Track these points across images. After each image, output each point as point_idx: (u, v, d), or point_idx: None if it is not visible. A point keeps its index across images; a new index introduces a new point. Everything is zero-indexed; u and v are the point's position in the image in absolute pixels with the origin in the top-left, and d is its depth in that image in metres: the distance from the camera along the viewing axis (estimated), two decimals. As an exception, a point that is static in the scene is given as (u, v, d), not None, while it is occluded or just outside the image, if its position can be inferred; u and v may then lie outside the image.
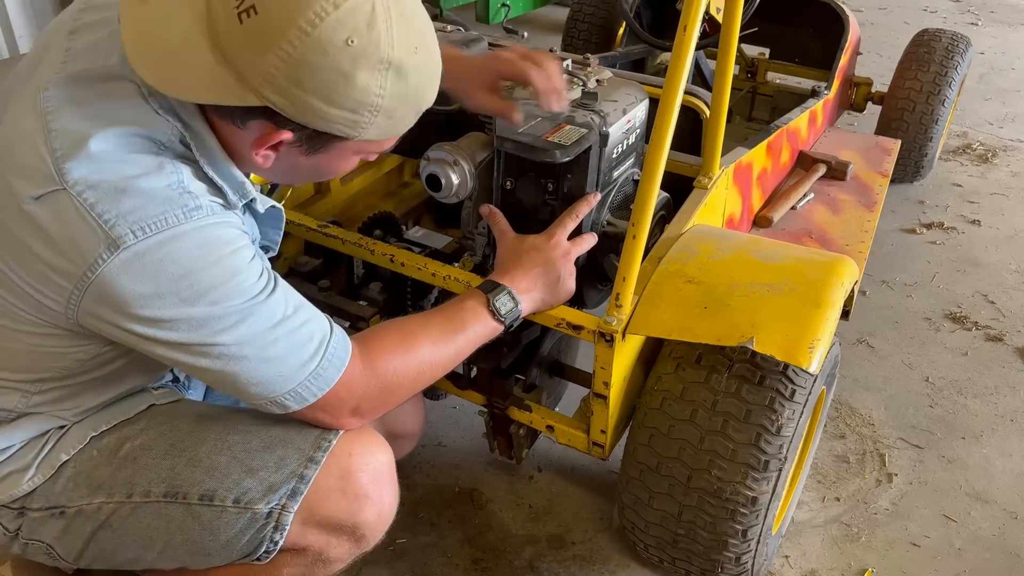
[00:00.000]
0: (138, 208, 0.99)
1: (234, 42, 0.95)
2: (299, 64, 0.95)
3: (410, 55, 1.00)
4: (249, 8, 0.93)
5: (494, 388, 1.63)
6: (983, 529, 1.96)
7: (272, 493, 1.20)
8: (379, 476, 1.27)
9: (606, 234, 1.62)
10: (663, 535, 1.57)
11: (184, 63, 0.97)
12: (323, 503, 1.23)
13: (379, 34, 0.96)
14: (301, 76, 0.95)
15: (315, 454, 1.22)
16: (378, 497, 1.27)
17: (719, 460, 1.45)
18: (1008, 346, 2.57)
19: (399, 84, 1.01)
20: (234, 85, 0.97)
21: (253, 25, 0.93)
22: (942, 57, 3.15)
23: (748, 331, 1.38)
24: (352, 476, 1.24)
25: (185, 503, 1.19)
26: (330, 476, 1.22)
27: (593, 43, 3.61)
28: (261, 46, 0.94)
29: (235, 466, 1.21)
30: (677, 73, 1.40)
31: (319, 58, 0.95)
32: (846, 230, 2.24)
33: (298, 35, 0.93)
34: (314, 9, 0.93)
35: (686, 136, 1.93)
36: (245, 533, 1.20)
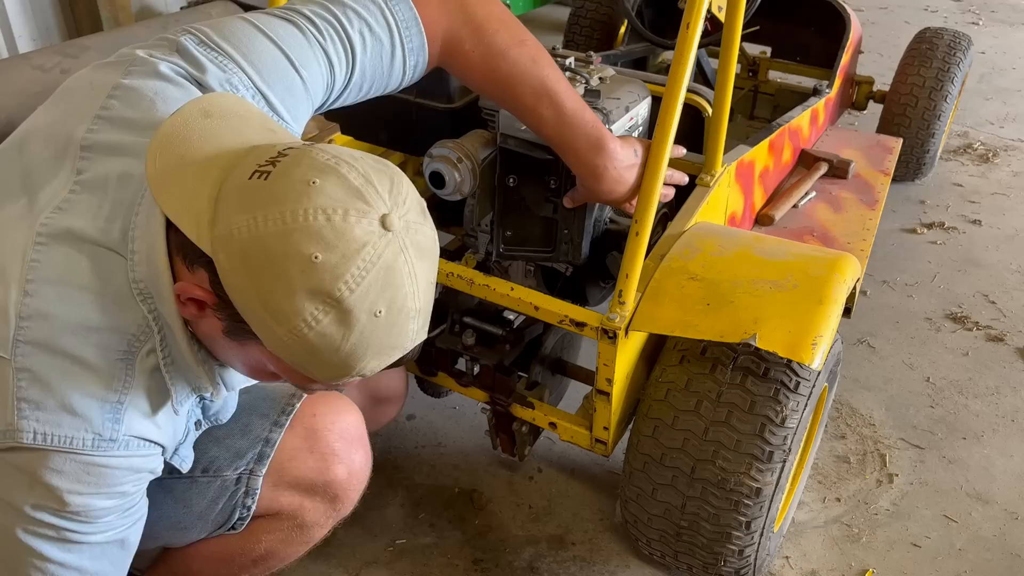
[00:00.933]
0: (54, 418, 0.94)
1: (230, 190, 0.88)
2: (258, 241, 0.85)
3: (364, 313, 0.87)
4: (265, 172, 0.87)
5: (497, 385, 1.63)
6: (984, 529, 1.96)
7: (239, 459, 1.22)
8: (347, 435, 1.29)
9: (608, 232, 1.61)
10: (666, 528, 1.57)
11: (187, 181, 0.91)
12: (291, 463, 1.25)
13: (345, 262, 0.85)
14: (253, 254, 0.86)
15: (279, 418, 1.25)
16: (347, 455, 1.29)
17: (723, 451, 1.45)
18: (1009, 346, 2.57)
19: (335, 328, 0.87)
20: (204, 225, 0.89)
21: (254, 185, 0.87)
22: (944, 54, 3.16)
23: (751, 328, 1.38)
24: (318, 435, 1.26)
25: (155, 480, 1.20)
26: (296, 437, 1.25)
27: (595, 41, 3.60)
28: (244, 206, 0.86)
29: (201, 437, 1.21)
30: (680, 71, 1.40)
31: (277, 246, 0.85)
32: (848, 228, 2.23)
33: (277, 220, 0.85)
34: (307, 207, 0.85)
35: (688, 134, 1.93)
36: (217, 501, 1.22)
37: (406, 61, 1.24)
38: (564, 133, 1.35)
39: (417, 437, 2.15)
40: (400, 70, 1.25)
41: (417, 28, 1.23)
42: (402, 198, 0.90)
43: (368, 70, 1.21)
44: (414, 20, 1.22)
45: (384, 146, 2.08)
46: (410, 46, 1.23)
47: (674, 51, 1.42)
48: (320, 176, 0.86)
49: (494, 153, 1.54)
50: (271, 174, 0.87)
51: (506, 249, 1.61)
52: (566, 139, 1.36)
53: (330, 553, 1.83)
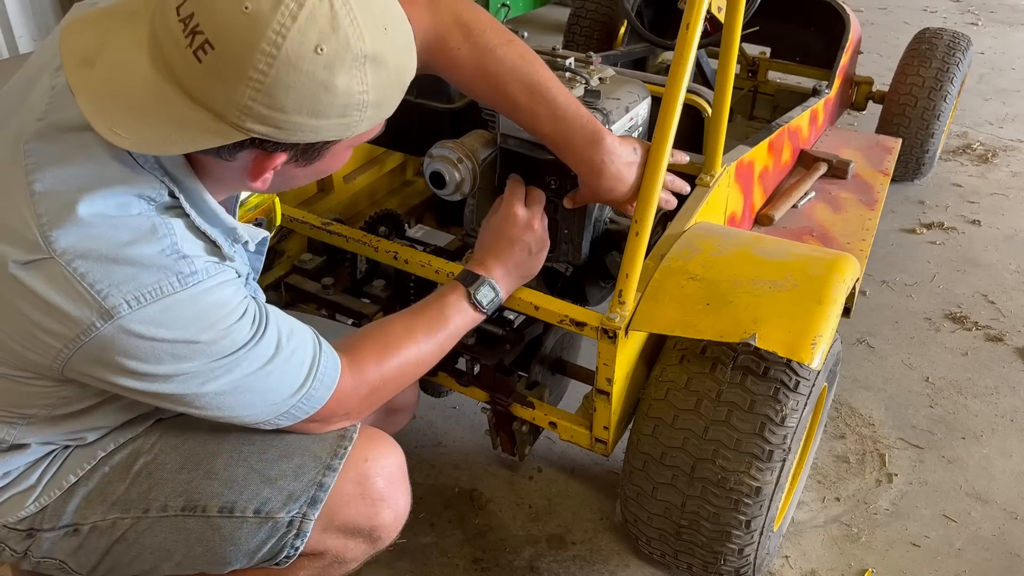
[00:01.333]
0: (131, 278, 0.96)
1: (199, 82, 0.89)
2: (275, 88, 0.88)
3: (382, 39, 0.93)
4: (203, 44, 0.86)
5: (497, 385, 1.63)
6: (983, 529, 1.96)
7: (292, 502, 1.20)
8: (393, 478, 1.29)
9: (609, 231, 1.62)
10: (666, 527, 1.58)
11: (156, 118, 0.91)
12: (342, 509, 1.23)
13: (346, 31, 0.89)
14: (280, 99, 0.89)
15: (332, 461, 1.23)
16: (394, 499, 1.29)
17: (723, 449, 1.46)
18: (1008, 346, 2.57)
19: (380, 73, 0.94)
20: (213, 125, 0.91)
21: (213, 61, 0.87)
22: (944, 54, 3.17)
23: (751, 327, 1.38)
24: (369, 481, 1.25)
25: (204, 516, 1.19)
26: (348, 482, 1.23)
27: (595, 41, 3.61)
28: (230, 80, 0.88)
29: (253, 476, 1.21)
30: (680, 71, 1.40)
31: (293, 77, 0.88)
32: (847, 228, 2.24)
33: (264, 59, 0.87)
34: (272, 28, 0.86)
35: (688, 134, 1.93)
36: (267, 542, 1.21)
37: None
38: (560, 129, 1.35)
39: (417, 437, 2.15)
40: None
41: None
42: None
43: None
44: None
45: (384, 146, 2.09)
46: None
47: (674, 51, 1.43)
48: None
49: (494, 153, 1.54)
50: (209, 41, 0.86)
51: (506, 249, 1.61)
52: (563, 135, 1.35)
53: (330, 553, 1.83)
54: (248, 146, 0.95)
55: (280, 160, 0.99)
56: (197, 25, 0.86)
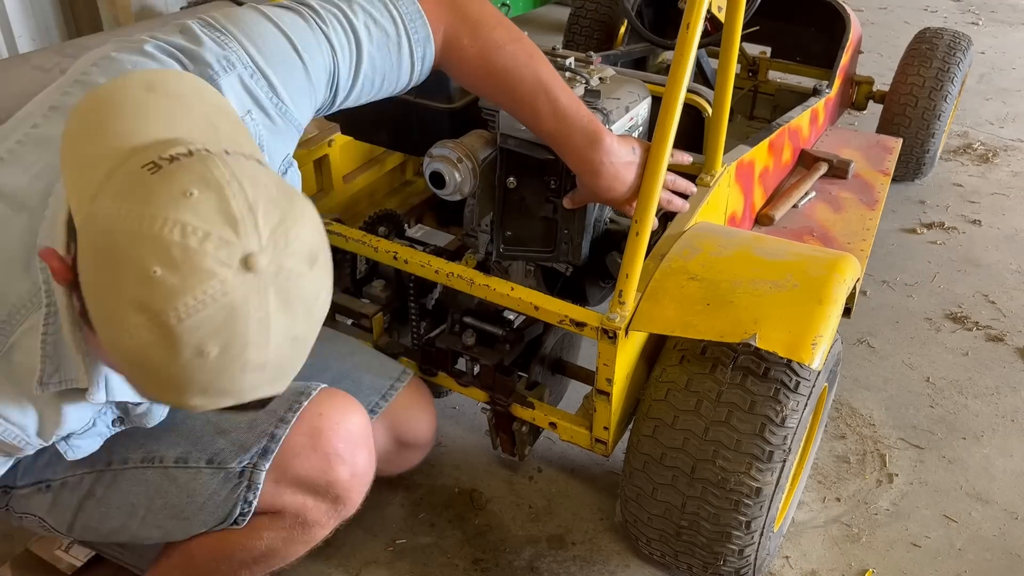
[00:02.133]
0: None
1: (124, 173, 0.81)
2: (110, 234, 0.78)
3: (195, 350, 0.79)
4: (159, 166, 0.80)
5: (497, 385, 1.63)
6: (984, 529, 1.96)
7: (244, 452, 1.23)
8: (351, 436, 1.29)
9: (608, 232, 1.61)
10: (666, 527, 1.57)
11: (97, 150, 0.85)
12: (294, 461, 1.25)
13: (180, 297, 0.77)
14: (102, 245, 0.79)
15: (286, 414, 1.25)
16: (350, 456, 1.29)
17: (723, 450, 1.45)
18: (1009, 346, 2.57)
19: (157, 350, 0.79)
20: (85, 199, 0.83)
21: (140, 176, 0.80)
22: (944, 53, 3.16)
23: (751, 327, 1.38)
24: (323, 434, 1.26)
25: (162, 467, 1.22)
26: (300, 434, 1.25)
27: (595, 41, 3.60)
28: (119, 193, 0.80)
29: (208, 428, 1.24)
30: (680, 71, 1.40)
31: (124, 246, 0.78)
32: (848, 228, 2.24)
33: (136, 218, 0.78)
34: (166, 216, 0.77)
35: (688, 134, 1.93)
36: (219, 493, 1.23)
37: (413, 53, 1.26)
38: (561, 128, 1.36)
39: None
40: (408, 62, 1.26)
41: (422, 20, 1.25)
42: (286, 240, 0.81)
43: (378, 61, 1.22)
44: (418, 13, 1.25)
45: (384, 146, 2.09)
46: (416, 37, 1.25)
47: (674, 51, 1.43)
48: (202, 189, 0.78)
49: (494, 153, 1.54)
50: (162, 170, 0.79)
51: (506, 249, 1.61)
52: (563, 134, 1.36)
53: (330, 553, 1.83)
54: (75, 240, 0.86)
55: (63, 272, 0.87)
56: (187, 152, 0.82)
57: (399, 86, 1.30)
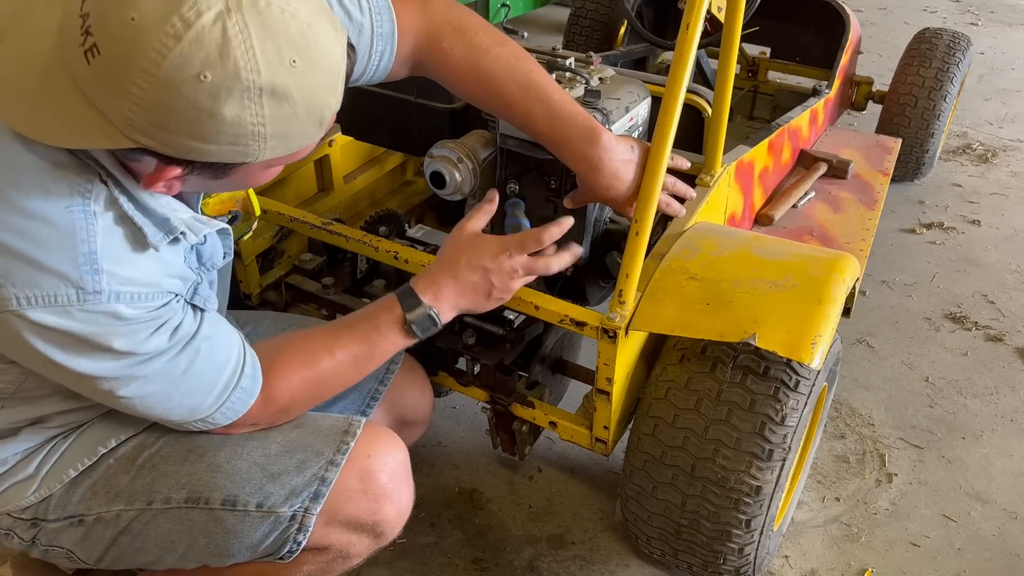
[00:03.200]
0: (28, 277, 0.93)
1: (88, 84, 0.84)
2: (153, 107, 0.83)
3: (285, 72, 0.85)
4: (92, 47, 0.81)
5: (497, 385, 1.63)
6: (983, 529, 1.96)
7: (295, 497, 1.21)
8: (396, 474, 1.30)
9: (608, 231, 1.62)
10: (666, 526, 1.58)
11: (51, 108, 0.86)
12: (345, 504, 1.24)
13: (236, 61, 0.82)
14: (160, 119, 0.84)
15: (335, 456, 1.23)
16: (396, 495, 1.30)
17: (724, 449, 1.46)
18: (1008, 346, 2.57)
19: (281, 106, 0.87)
20: (105, 127, 0.86)
21: (99, 66, 0.82)
22: (944, 53, 3.17)
23: (751, 327, 1.38)
24: (372, 476, 1.26)
25: (207, 508, 1.20)
26: (351, 477, 1.24)
27: (595, 41, 3.61)
28: (112, 89, 0.83)
29: (256, 471, 1.21)
30: (680, 71, 1.40)
31: (172, 98, 0.82)
32: (847, 228, 2.24)
33: (142, 76, 0.81)
34: (153, 46, 0.80)
35: (688, 134, 1.94)
36: (269, 536, 1.21)
37: (372, 44, 1.23)
38: (556, 127, 1.34)
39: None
40: (366, 53, 1.24)
41: (389, 16, 1.24)
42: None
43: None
44: (387, 8, 1.24)
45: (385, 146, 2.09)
46: (379, 30, 1.23)
47: (674, 52, 1.43)
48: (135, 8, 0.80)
49: (494, 153, 1.54)
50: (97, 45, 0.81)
51: (506, 249, 1.61)
52: (559, 133, 1.34)
53: (330, 552, 1.83)
54: (146, 152, 0.90)
55: (176, 172, 0.94)
56: (90, 26, 0.81)
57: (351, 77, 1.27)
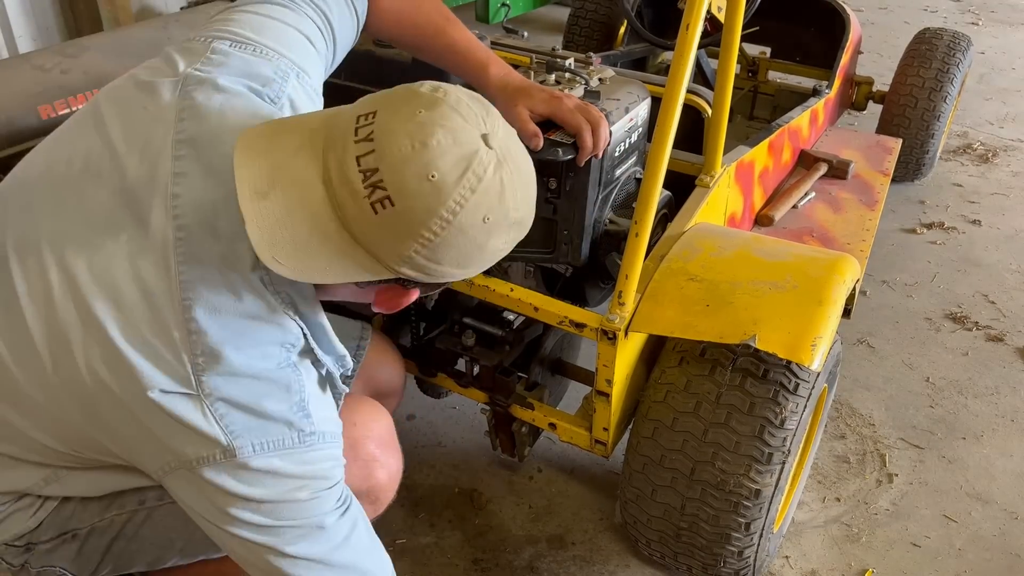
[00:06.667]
0: (261, 428, 1.02)
1: (369, 230, 0.94)
2: (440, 246, 0.95)
3: (526, 205, 1.02)
4: (384, 200, 0.92)
5: (497, 386, 1.63)
6: (983, 529, 1.96)
7: None
8: (383, 440, 1.35)
9: (608, 232, 1.61)
10: (665, 529, 1.57)
11: (316, 251, 0.96)
12: None
13: (507, 202, 0.97)
14: (440, 255, 0.96)
15: None
16: (385, 459, 1.35)
17: (723, 452, 1.46)
18: (1008, 346, 2.57)
19: (519, 231, 1.03)
20: (369, 264, 0.97)
21: (390, 216, 0.92)
22: (944, 54, 3.16)
23: (750, 328, 1.38)
24: (360, 444, 1.30)
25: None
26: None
27: (595, 41, 3.61)
28: (401, 235, 0.94)
29: None
30: (680, 72, 1.40)
31: (459, 239, 0.95)
32: (847, 229, 2.24)
33: (440, 223, 0.93)
34: (454, 198, 0.92)
35: (688, 135, 1.93)
36: None
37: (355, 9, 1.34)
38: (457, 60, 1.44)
39: (417, 437, 2.15)
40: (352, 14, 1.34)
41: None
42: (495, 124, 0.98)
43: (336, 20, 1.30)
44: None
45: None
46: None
47: (674, 52, 1.43)
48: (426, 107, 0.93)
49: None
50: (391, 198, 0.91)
51: (506, 250, 1.61)
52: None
53: (330, 553, 1.83)
54: (391, 282, 1.03)
55: (414, 296, 1.08)
56: (380, 181, 0.91)
57: (355, 35, 1.36)
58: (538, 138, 1.43)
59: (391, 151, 0.91)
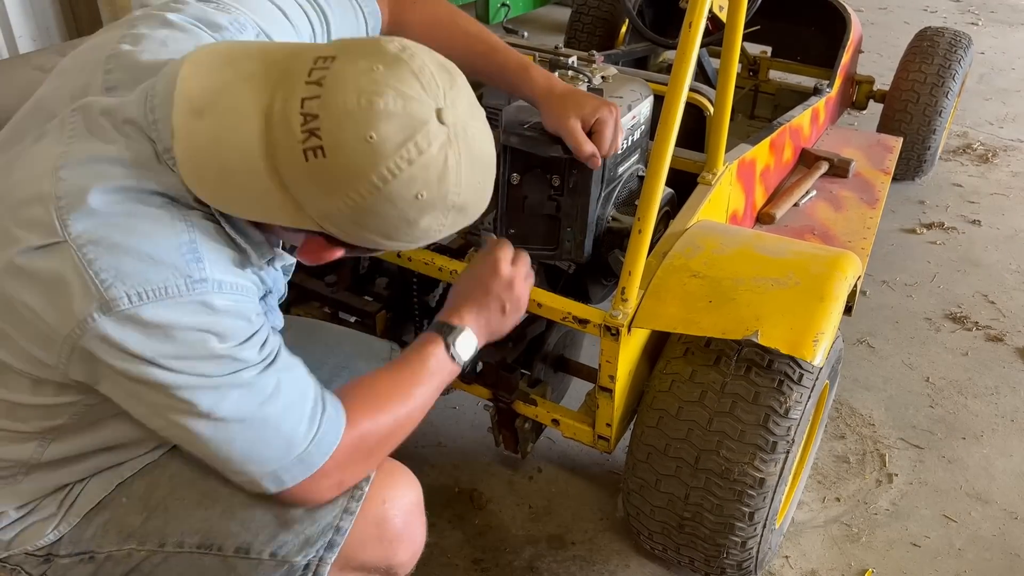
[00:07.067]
0: (139, 272, 0.93)
1: (296, 176, 0.91)
2: (365, 211, 0.92)
3: (474, 192, 0.98)
4: (316, 148, 0.88)
5: (500, 382, 1.63)
6: (983, 529, 1.96)
7: (309, 546, 1.18)
8: (410, 515, 1.26)
9: (611, 230, 1.62)
10: (668, 520, 1.57)
11: (241, 183, 0.93)
12: (360, 551, 1.21)
13: (448, 184, 0.93)
14: (365, 220, 0.93)
15: (350, 504, 1.19)
16: (410, 536, 1.26)
17: (728, 441, 1.46)
18: (1008, 346, 2.57)
19: (461, 218, 0.99)
20: (293, 212, 0.94)
21: (319, 167, 0.89)
22: (945, 51, 3.17)
23: (753, 324, 1.38)
24: (387, 522, 1.22)
25: (220, 555, 1.17)
26: (366, 525, 1.20)
27: (596, 40, 3.61)
28: (326, 189, 0.90)
29: (270, 519, 1.18)
30: (682, 70, 1.40)
31: (386, 208, 0.92)
32: (848, 227, 2.24)
33: (368, 187, 0.90)
34: (388, 166, 0.89)
35: (690, 133, 1.93)
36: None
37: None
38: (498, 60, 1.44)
39: (417, 437, 2.12)
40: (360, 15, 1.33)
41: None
42: (456, 99, 0.94)
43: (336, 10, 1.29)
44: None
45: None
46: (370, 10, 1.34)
47: (675, 51, 1.43)
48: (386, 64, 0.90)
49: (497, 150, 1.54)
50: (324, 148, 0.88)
51: (509, 247, 1.61)
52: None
53: (331, 551, 1.82)
54: (315, 234, 0.99)
55: (339, 253, 1.04)
56: (318, 129, 0.88)
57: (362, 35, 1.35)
58: (596, 159, 1.40)
59: (336, 101, 0.88)
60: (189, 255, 0.96)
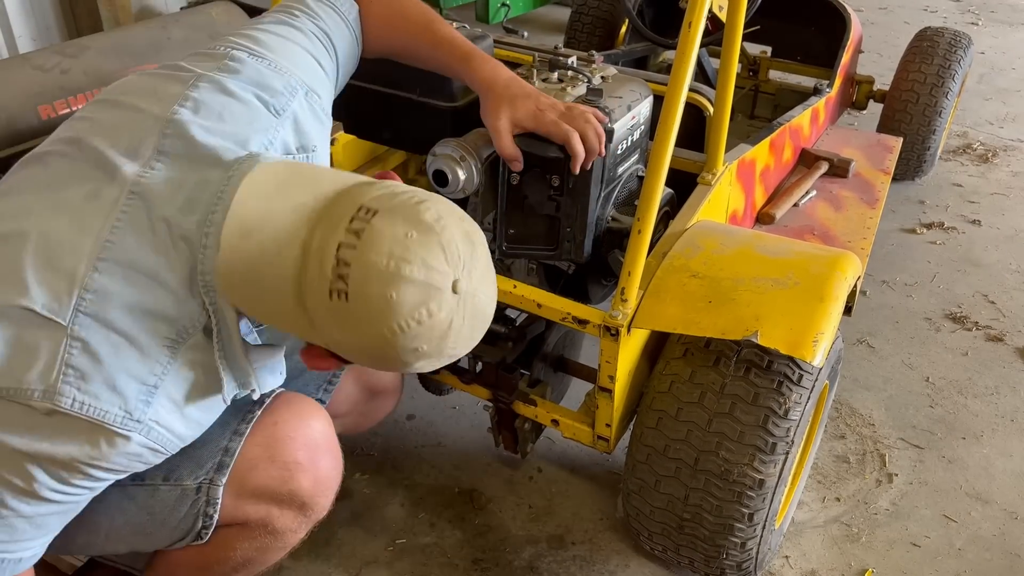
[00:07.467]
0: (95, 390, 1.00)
1: (317, 305, 0.98)
2: (369, 349, 1.00)
3: (467, 343, 1.05)
4: (342, 292, 0.96)
5: (500, 383, 1.63)
6: (983, 529, 1.96)
7: (199, 468, 1.22)
8: (311, 442, 1.28)
9: (611, 230, 1.62)
10: (668, 520, 1.57)
11: (268, 297, 1.02)
12: (251, 473, 1.24)
13: (448, 342, 1.01)
14: (367, 353, 1.01)
15: (239, 426, 1.25)
16: (311, 464, 1.27)
17: (727, 442, 1.46)
18: (1008, 346, 2.57)
19: (448, 361, 1.06)
20: (305, 327, 1.02)
21: (340, 307, 0.96)
22: (945, 51, 3.17)
23: (753, 324, 1.38)
24: (279, 444, 1.25)
25: (119, 485, 1.20)
26: (256, 446, 1.24)
27: (596, 40, 3.61)
28: (341, 325, 0.98)
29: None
30: (682, 70, 1.41)
31: (388, 352, 0.99)
32: (848, 227, 2.24)
33: (376, 334, 0.97)
34: (399, 322, 0.96)
35: (690, 133, 1.93)
36: (179, 510, 1.22)
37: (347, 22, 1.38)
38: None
39: (417, 437, 2.15)
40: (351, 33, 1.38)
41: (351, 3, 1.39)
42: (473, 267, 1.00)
43: (335, 34, 1.35)
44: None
45: (387, 145, 2.08)
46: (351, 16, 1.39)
47: (675, 50, 1.43)
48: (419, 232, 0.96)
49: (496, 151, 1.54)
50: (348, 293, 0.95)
51: (509, 247, 1.61)
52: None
53: (330, 553, 1.83)
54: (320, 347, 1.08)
55: (336, 366, 1.12)
56: (347, 275, 0.95)
57: (355, 53, 1.40)
58: (518, 163, 1.45)
59: (368, 258, 0.95)
60: (143, 396, 1.03)
